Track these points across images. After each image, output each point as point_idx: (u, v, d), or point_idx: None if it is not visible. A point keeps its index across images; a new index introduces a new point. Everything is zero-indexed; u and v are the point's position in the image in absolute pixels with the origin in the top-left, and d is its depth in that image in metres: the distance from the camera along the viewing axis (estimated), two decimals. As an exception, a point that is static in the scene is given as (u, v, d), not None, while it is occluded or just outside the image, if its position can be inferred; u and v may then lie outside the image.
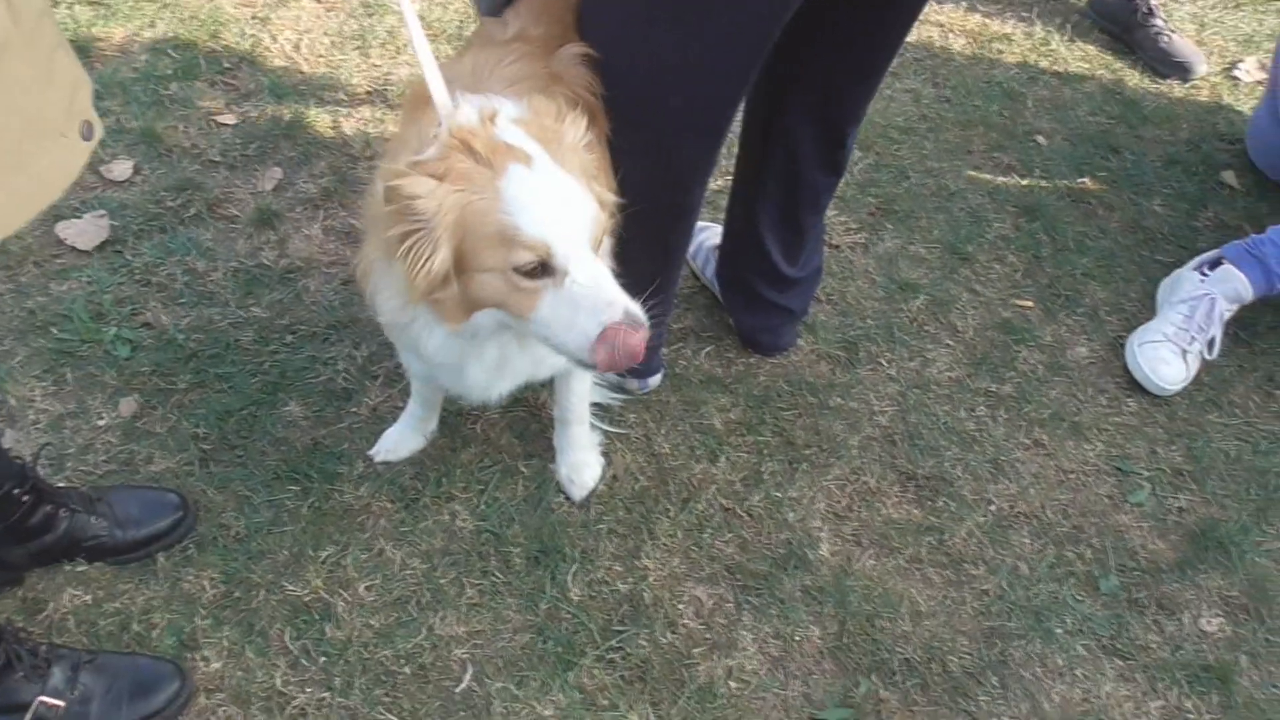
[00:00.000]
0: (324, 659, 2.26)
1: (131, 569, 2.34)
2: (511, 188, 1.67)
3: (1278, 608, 2.53)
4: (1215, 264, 2.99)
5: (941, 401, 2.84)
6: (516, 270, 1.69)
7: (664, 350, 2.81)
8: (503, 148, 1.70)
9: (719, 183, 3.11)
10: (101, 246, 2.92)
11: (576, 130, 1.82)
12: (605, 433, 2.64)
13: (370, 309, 2.03)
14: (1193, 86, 3.83)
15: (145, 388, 2.64)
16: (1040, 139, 3.59)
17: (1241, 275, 2.93)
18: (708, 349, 2.89)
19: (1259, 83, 3.85)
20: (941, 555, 2.56)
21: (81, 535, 2.29)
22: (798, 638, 2.39)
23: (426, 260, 1.67)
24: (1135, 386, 2.91)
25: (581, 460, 2.57)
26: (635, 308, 1.70)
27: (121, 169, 3.12)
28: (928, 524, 2.61)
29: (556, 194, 1.70)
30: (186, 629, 2.26)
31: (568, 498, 2.55)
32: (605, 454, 2.62)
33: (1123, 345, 3.00)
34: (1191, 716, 2.35)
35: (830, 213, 3.24)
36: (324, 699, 2.20)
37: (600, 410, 2.64)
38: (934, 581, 2.51)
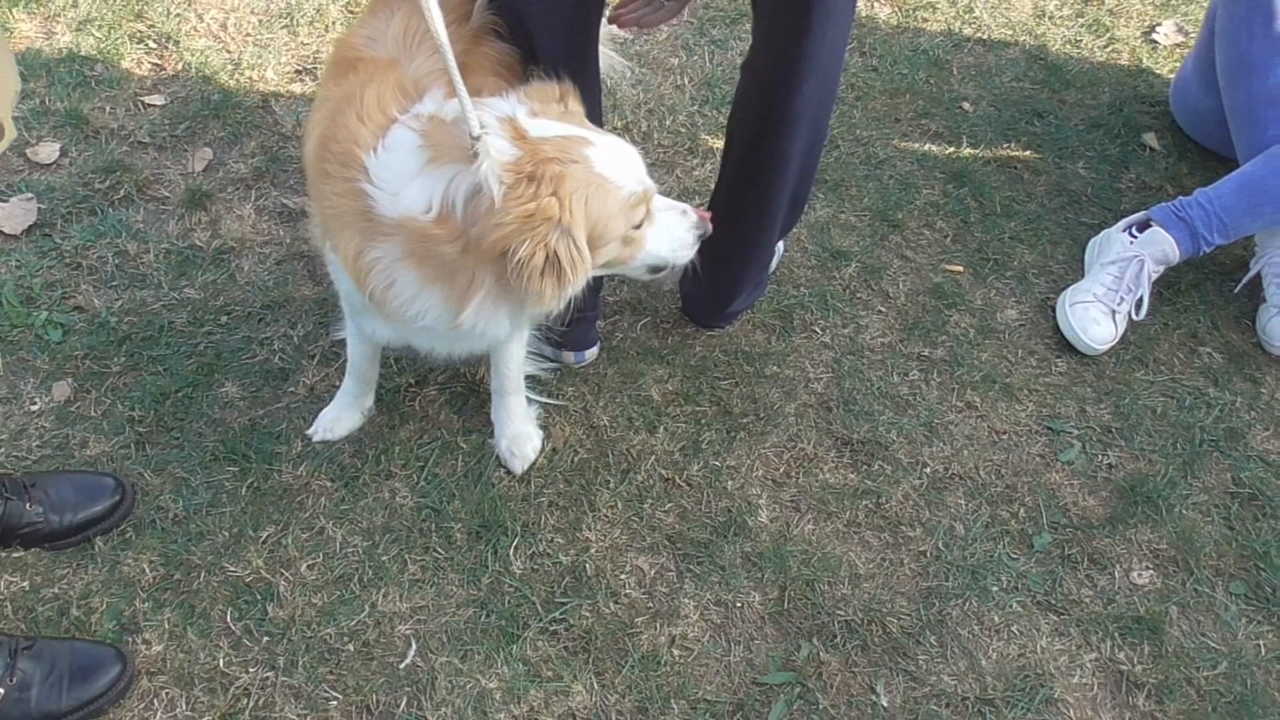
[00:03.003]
0: (267, 638, 2.26)
1: (69, 554, 2.32)
2: (605, 167, 1.88)
3: (1205, 559, 2.59)
4: (1143, 225, 3.04)
5: (875, 367, 2.88)
6: (635, 227, 1.98)
7: (600, 323, 2.83)
8: (566, 141, 1.86)
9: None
10: (29, 230, 2.89)
11: (576, 100, 2.01)
12: (544, 406, 2.66)
13: (378, 306, 2.02)
14: (1113, 50, 3.89)
15: (78, 371, 2.62)
16: (966, 105, 3.63)
17: (1169, 237, 2.99)
18: (644, 321, 2.91)
19: (1178, 45, 3.91)
20: (879, 518, 2.60)
21: (16, 522, 2.27)
22: (739, 604, 2.42)
23: (579, 265, 1.86)
24: (1064, 347, 2.97)
25: (521, 433, 2.58)
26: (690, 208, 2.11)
27: (48, 151, 3.07)
28: (864, 488, 2.65)
29: (623, 153, 1.94)
30: (126, 612, 2.26)
31: (508, 471, 2.57)
32: (544, 427, 2.64)
33: (1051, 307, 3.06)
34: (1124, 667, 2.41)
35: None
36: (268, 678, 2.21)
37: (538, 383, 2.66)
38: (872, 544, 2.56)
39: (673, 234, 2.08)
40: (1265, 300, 3.08)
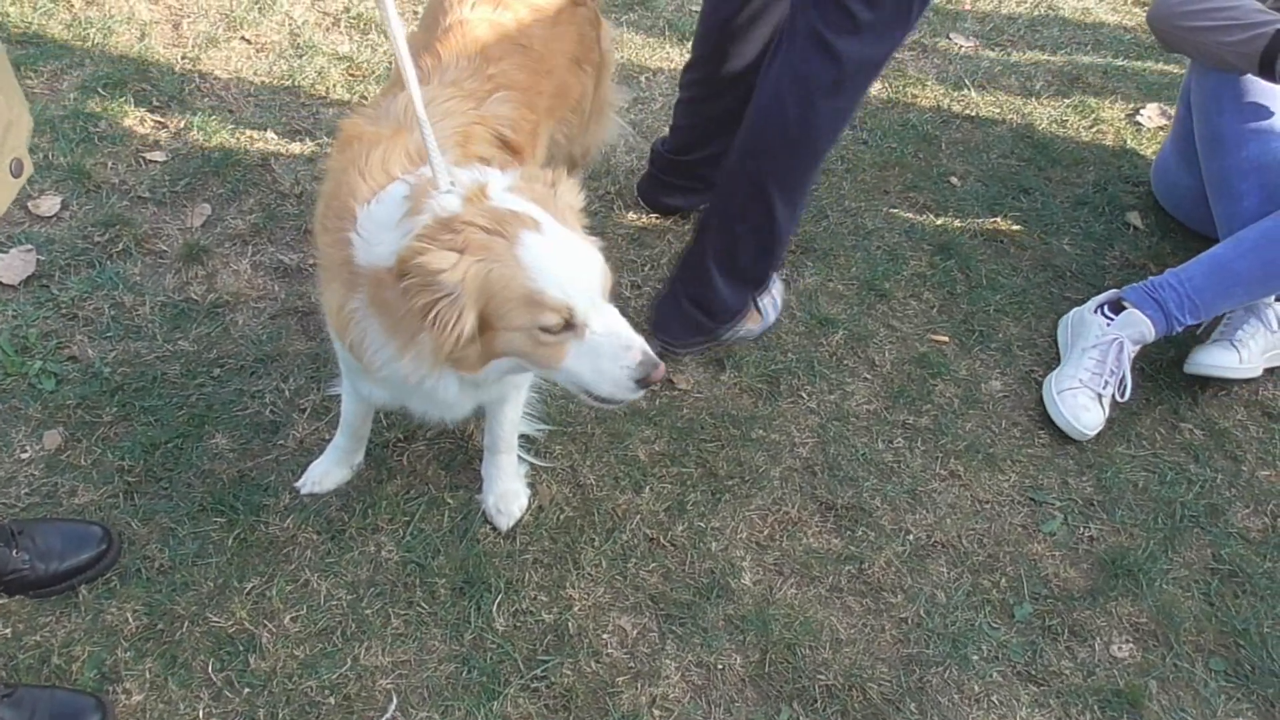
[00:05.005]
0: (248, 690, 2.26)
1: (53, 602, 2.33)
2: (529, 254, 1.80)
3: (1185, 634, 2.61)
4: (1116, 306, 3.09)
5: (860, 433, 2.91)
6: (542, 329, 1.83)
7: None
8: (510, 215, 1.82)
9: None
10: (28, 281, 2.92)
11: (571, 192, 1.96)
12: (531, 465, 2.68)
13: (356, 358, 2.06)
14: (1098, 130, 3.98)
15: (70, 421, 2.64)
16: (954, 180, 3.70)
17: (1144, 318, 3.03)
18: (633, 383, 2.94)
19: (1161, 128, 4.00)
20: (861, 584, 2.61)
21: (2, 569, 2.28)
22: (720, 666, 2.43)
23: (455, 325, 1.79)
24: (1047, 419, 3.00)
25: (509, 490, 2.60)
26: (646, 346, 1.89)
27: (49, 204, 3.12)
28: (847, 553, 2.66)
29: (569, 255, 1.84)
30: (108, 661, 2.25)
31: (494, 528, 2.58)
32: (531, 485, 2.65)
33: (1036, 380, 3.10)
34: (1103, 739, 2.42)
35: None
36: (247, 730, 2.21)
37: (527, 442, 2.68)
38: (854, 609, 2.56)
39: (600, 362, 1.88)
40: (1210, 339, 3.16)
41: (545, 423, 2.74)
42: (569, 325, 1.84)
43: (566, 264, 1.82)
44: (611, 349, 1.87)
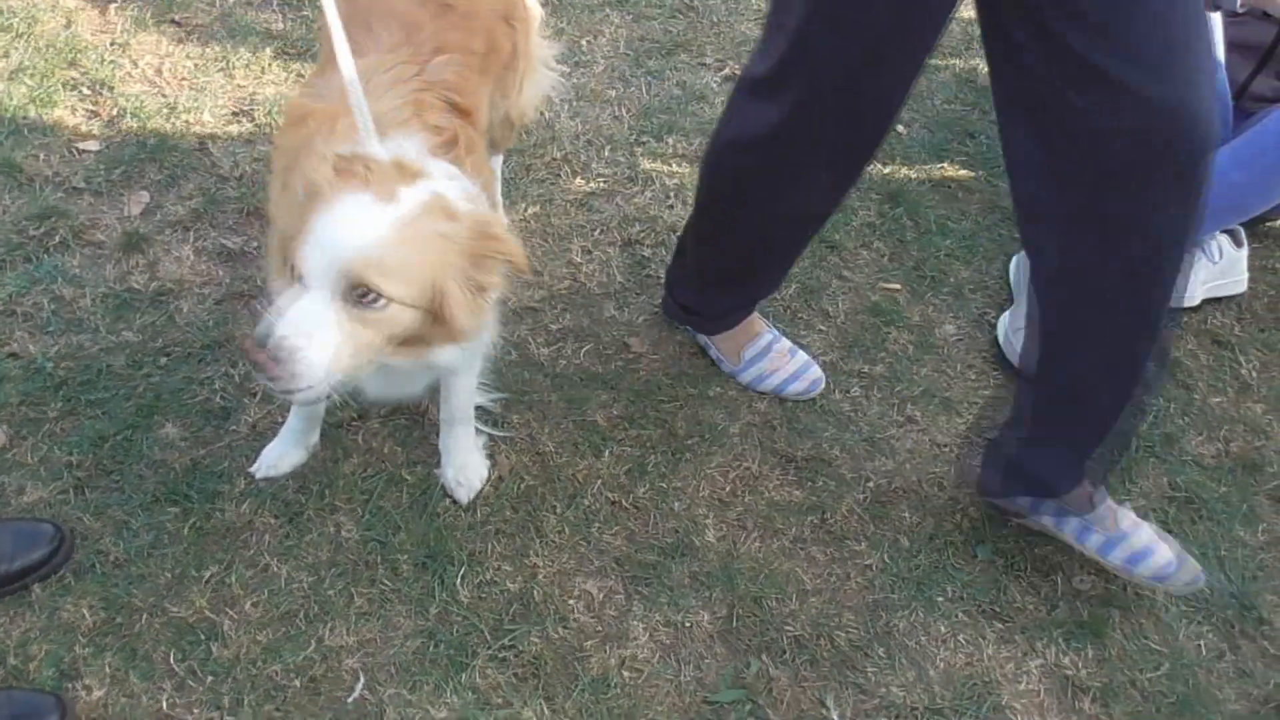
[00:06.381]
0: (211, 678, 2.23)
1: (6, 602, 2.28)
2: (334, 204, 1.76)
3: (1145, 562, 2.63)
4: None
5: (817, 385, 2.91)
6: (290, 265, 1.81)
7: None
8: (393, 172, 1.82)
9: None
10: (-38, 279, 2.87)
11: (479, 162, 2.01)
12: (490, 435, 2.66)
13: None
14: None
15: (14, 419, 2.59)
16: (900, 128, 3.69)
17: None
18: (587, 347, 2.93)
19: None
20: (824, 534, 2.62)
21: (-48, 572, 2.24)
22: (688, 624, 2.43)
23: (271, 206, 2.01)
24: (1002, 360, 3.01)
25: (467, 462, 2.58)
26: (274, 331, 1.74)
27: (-20, 200, 3.06)
28: (809, 504, 2.67)
29: (344, 232, 1.75)
30: (66, 659, 2.22)
31: (454, 501, 2.56)
32: (490, 455, 2.64)
33: (989, 323, 3.10)
34: (1069, 672, 2.43)
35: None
36: (213, 718, 2.18)
37: (483, 413, 2.66)
38: (818, 560, 2.57)
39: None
40: None
41: (501, 392, 2.72)
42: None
43: (330, 235, 1.75)
44: (293, 297, 1.78)
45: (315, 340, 1.75)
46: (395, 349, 1.89)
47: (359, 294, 1.75)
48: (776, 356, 2.86)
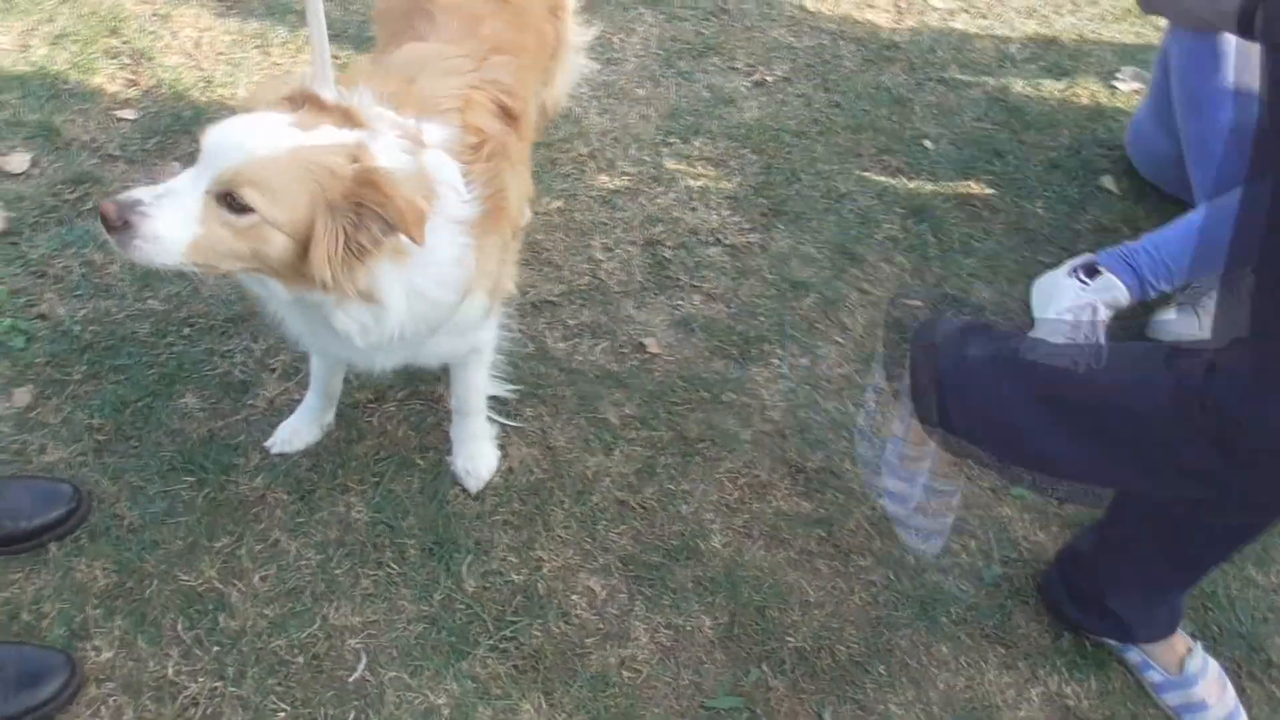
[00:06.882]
0: (217, 648, 2.26)
1: (22, 559, 2.32)
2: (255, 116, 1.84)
3: (1148, 594, 2.63)
4: (1090, 270, 3.09)
5: (830, 397, 2.92)
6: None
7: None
8: (332, 113, 1.88)
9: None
10: (-4, 238, 2.90)
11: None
12: (502, 426, 2.68)
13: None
14: (1073, 94, 3.98)
15: (39, 378, 2.63)
16: (928, 143, 3.70)
17: (1119, 283, 3.03)
18: (603, 344, 2.95)
19: (1136, 91, 4.01)
20: (830, 546, 2.63)
21: (-30, 527, 2.28)
22: (689, 628, 2.44)
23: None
24: (1017, 383, 3.01)
25: (478, 452, 2.60)
26: (129, 196, 1.78)
27: (18, 161, 3.09)
28: (817, 516, 2.68)
29: (243, 135, 1.79)
30: (77, 618, 2.26)
31: (463, 489, 2.59)
32: (501, 446, 2.66)
33: (1007, 344, 3.10)
34: (1071, 702, 2.44)
35: (724, 213, 3.33)
36: (216, 688, 2.21)
37: (497, 403, 2.68)
38: (823, 572, 2.58)
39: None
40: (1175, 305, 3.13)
41: (515, 384, 2.74)
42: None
43: (230, 136, 1.79)
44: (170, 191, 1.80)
45: (166, 218, 1.76)
46: (278, 275, 1.86)
47: (229, 199, 1.76)
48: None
